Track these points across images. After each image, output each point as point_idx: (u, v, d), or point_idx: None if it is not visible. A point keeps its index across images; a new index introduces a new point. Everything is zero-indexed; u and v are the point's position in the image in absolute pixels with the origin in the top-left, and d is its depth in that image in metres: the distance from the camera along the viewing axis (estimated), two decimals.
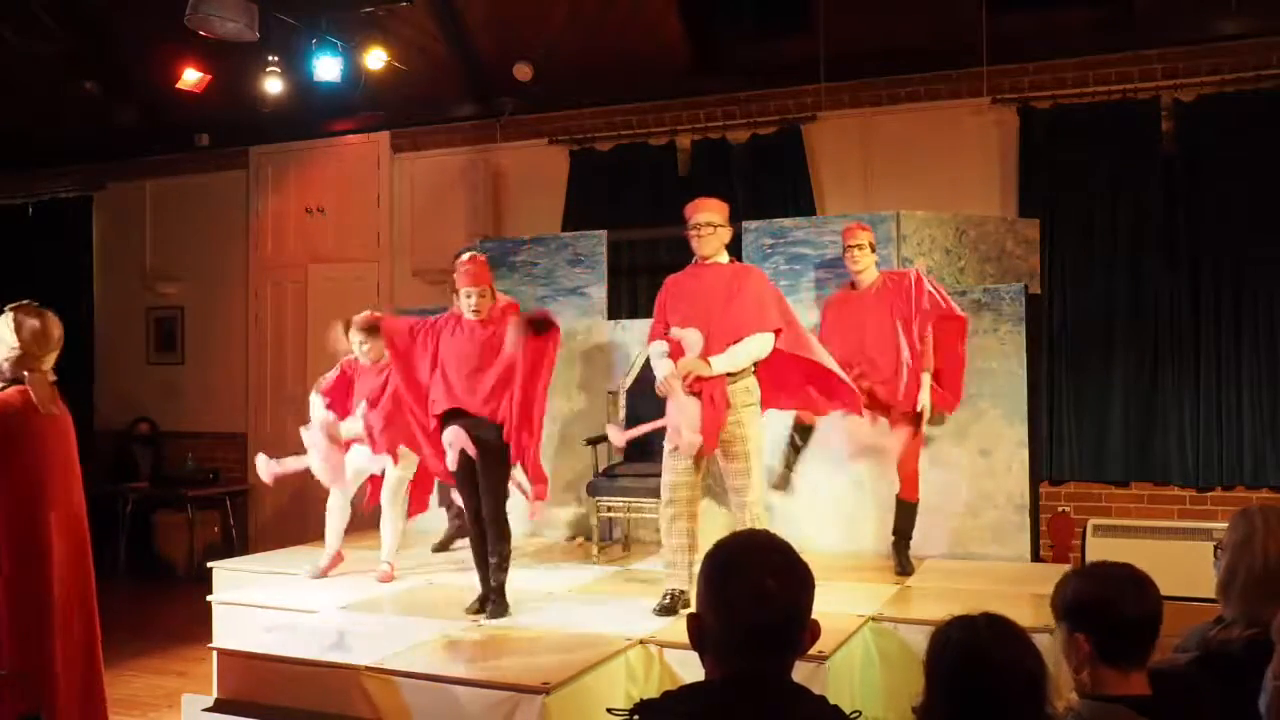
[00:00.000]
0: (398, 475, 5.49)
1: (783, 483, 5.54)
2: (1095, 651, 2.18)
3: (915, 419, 5.21)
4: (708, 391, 4.44)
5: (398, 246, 8.49)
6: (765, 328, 4.54)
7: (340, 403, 5.53)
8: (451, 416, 4.74)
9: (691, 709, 1.76)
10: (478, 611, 4.73)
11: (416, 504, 5.68)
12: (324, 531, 5.64)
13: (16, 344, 3.63)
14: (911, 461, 5.31)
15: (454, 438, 4.68)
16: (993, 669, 1.94)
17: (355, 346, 5.52)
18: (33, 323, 3.66)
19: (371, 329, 5.35)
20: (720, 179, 7.24)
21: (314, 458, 5.40)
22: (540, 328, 4.62)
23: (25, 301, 3.74)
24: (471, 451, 4.68)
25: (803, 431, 5.47)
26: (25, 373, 3.63)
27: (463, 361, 4.71)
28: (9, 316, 3.68)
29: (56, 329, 3.73)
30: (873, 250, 5.33)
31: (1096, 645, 2.18)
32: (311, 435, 5.41)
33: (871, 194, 7.03)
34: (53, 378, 3.74)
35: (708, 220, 4.61)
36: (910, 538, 5.41)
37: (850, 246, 5.33)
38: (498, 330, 4.70)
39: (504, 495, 4.78)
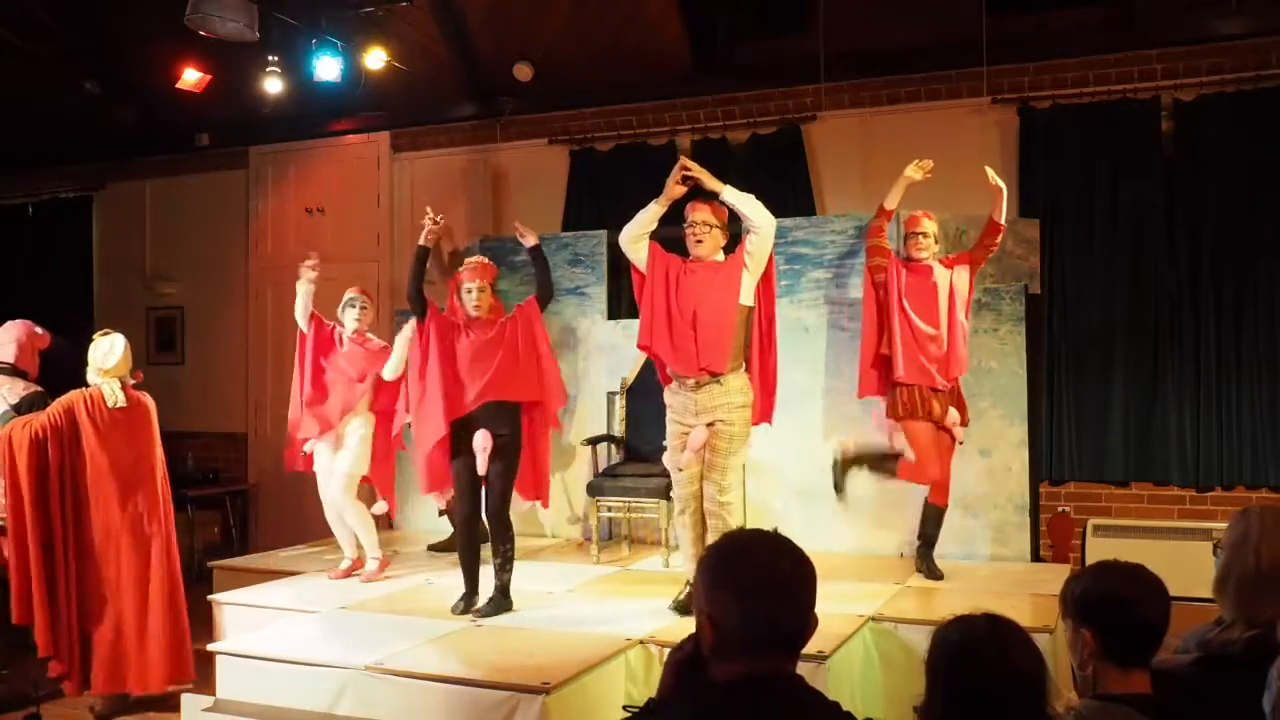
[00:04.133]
0: (348, 472, 5.50)
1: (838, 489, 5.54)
2: (1101, 648, 2.19)
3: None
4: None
5: (398, 246, 8.47)
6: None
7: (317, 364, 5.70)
8: (462, 424, 4.81)
9: (705, 708, 1.75)
10: (463, 611, 4.77)
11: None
12: (330, 531, 5.73)
13: (94, 362, 4.96)
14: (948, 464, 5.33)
15: (484, 441, 4.75)
16: (993, 669, 1.94)
17: (346, 313, 5.67)
18: (103, 344, 4.99)
19: (369, 299, 5.72)
20: (720, 179, 7.22)
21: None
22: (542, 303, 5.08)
23: (102, 330, 5.11)
24: (489, 451, 4.75)
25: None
26: (98, 378, 4.94)
27: (483, 357, 4.84)
28: (93, 344, 5.00)
29: (120, 342, 5.01)
30: (936, 242, 5.30)
31: (1103, 642, 2.18)
32: None
33: (871, 194, 6.99)
34: (133, 380, 5.07)
35: (704, 220, 4.64)
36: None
37: (915, 234, 5.28)
38: (505, 322, 4.95)
39: (510, 493, 4.85)
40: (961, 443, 5.30)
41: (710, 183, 4.59)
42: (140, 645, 4.80)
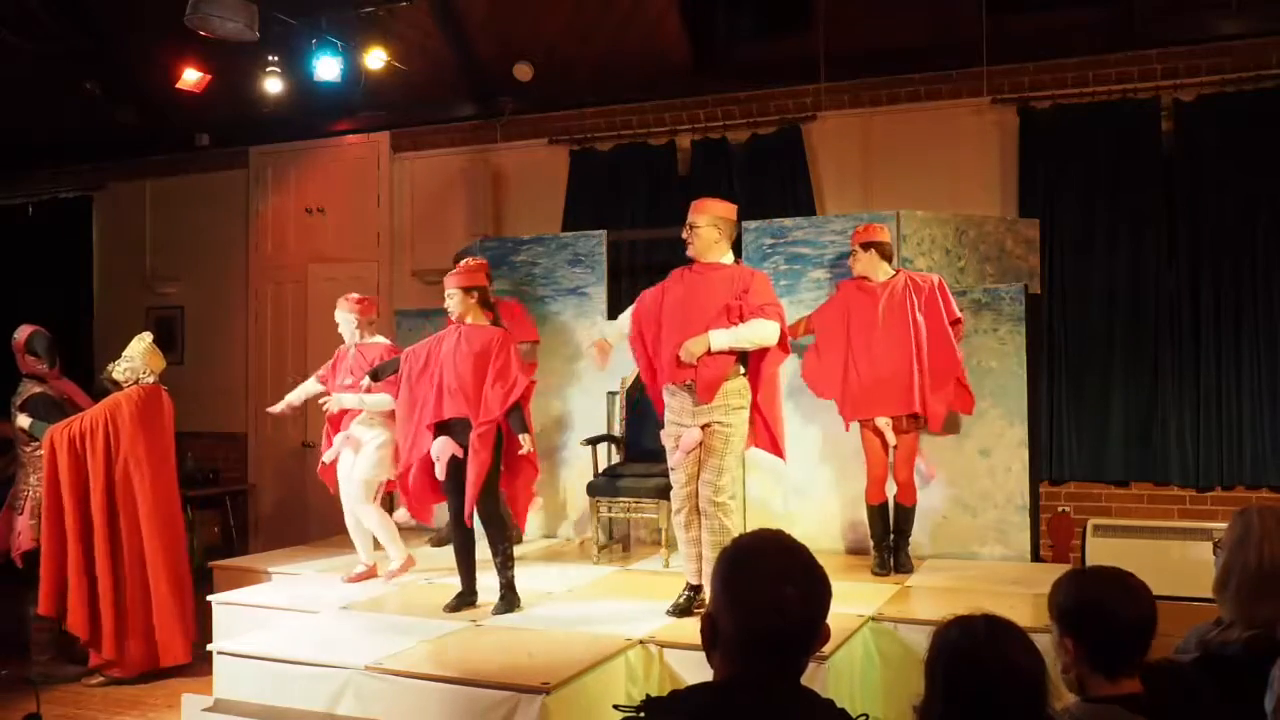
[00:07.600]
0: (364, 478, 5.49)
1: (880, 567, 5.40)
2: (1083, 656, 2.19)
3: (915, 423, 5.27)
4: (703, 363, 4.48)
5: (398, 246, 8.48)
6: (770, 316, 4.55)
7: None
8: (438, 429, 4.82)
9: (698, 708, 1.75)
10: (455, 610, 4.77)
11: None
12: (335, 533, 5.76)
13: (144, 360, 5.66)
14: (908, 466, 5.33)
15: (442, 449, 4.74)
16: (992, 670, 1.94)
17: (348, 328, 5.65)
18: (144, 347, 5.71)
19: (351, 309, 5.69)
20: (720, 179, 7.24)
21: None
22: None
23: (143, 334, 5.83)
24: (460, 455, 4.73)
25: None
26: (148, 376, 5.65)
27: (460, 370, 4.78)
28: (138, 340, 5.72)
29: (158, 355, 5.78)
30: (864, 250, 5.33)
31: (1086, 650, 2.19)
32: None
33: (871, 194, 7.03)
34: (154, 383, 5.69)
35: (690, 222, 4.64)
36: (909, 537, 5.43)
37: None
38: (490, 338, 4.82)
39: (496, 494, 4.83)
40: (895, 445, 5.26)
41: (702, 348, 4.46)
42: (167, 620, 5.42)
